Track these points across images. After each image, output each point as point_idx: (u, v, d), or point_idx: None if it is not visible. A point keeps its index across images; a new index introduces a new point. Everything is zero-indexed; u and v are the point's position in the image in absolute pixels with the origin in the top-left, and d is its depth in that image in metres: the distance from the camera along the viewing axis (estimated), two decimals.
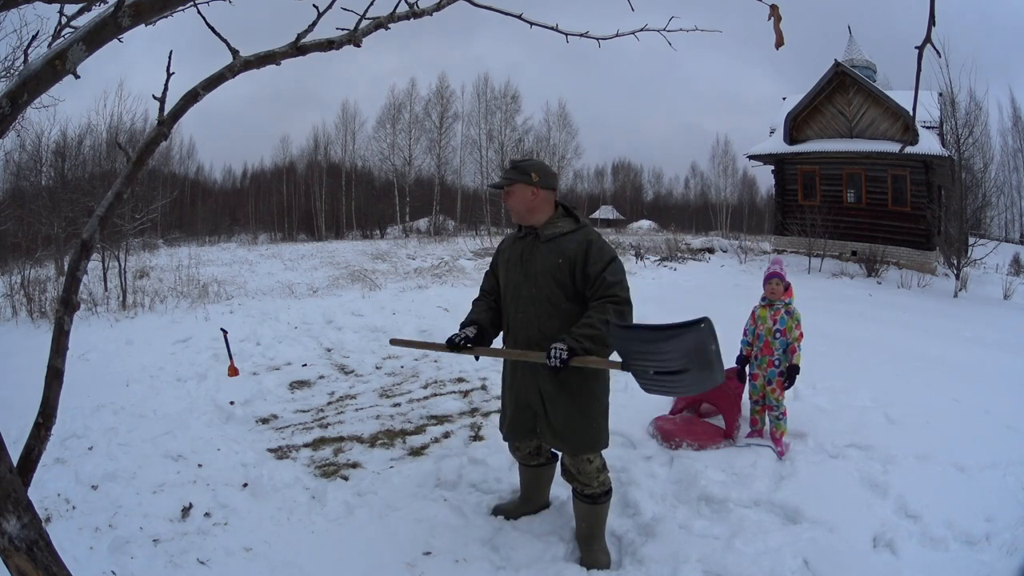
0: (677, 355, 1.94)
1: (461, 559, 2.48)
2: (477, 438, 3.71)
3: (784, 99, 16.60)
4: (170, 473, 3.14)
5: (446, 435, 3.77)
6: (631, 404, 3.84)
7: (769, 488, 2.92)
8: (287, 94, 55.17)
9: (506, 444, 2.80)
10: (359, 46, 2.03)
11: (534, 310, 2.37)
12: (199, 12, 1.93)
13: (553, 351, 2.14)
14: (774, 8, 1.65)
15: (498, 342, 2.62)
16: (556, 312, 2.34)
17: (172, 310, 7.43)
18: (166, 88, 1.83)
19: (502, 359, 2.61)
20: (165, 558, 2.45)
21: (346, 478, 3.18)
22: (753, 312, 3.59)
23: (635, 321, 2.30)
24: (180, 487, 3.00)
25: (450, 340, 2.41)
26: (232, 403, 4.15)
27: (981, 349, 6.39)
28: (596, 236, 2.39)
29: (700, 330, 1.88)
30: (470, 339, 2.42)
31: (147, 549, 2.50)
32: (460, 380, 4.88)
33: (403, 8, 2.13)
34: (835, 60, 14.65)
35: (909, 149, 12.75)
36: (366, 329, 6.37)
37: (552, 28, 2.35)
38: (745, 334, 3.60)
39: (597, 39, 2.42)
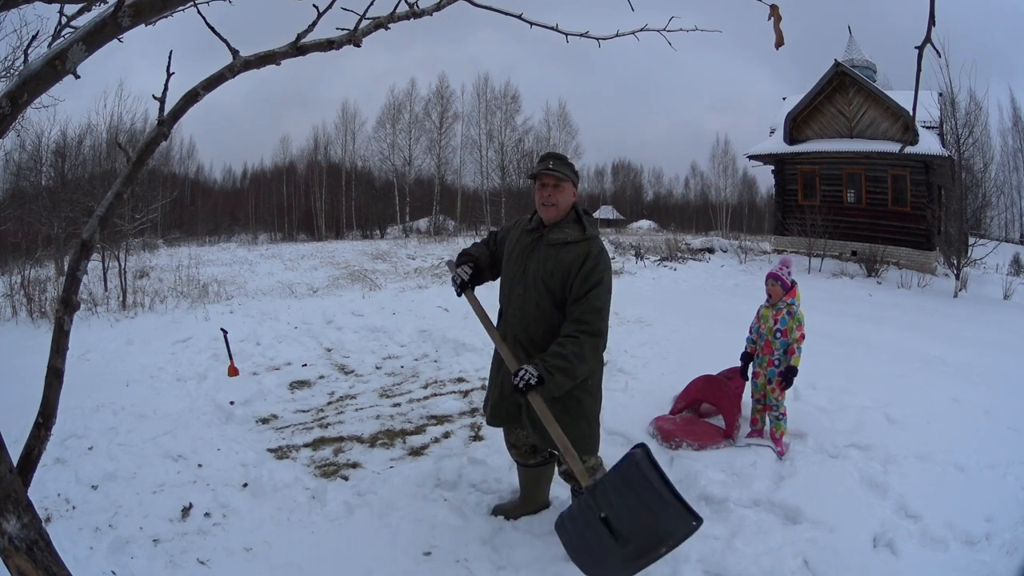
0: (638, 525, 1.81)
1: (461, 559, 2.48)
2: (477, 438, 3.71)
3: (784, 99, 16.61)
4: (170, 473, 3.14)
5: (446, 435, 3.77)
6: (631, 404, 3.85)
7: (769, 488, 2.92)
8: (287, 94, 55.17)
9: (505, 444, 2.80)
10: (359, 46, 2.03)
11: (522, 311, 2.39)
12: (199, 12, 1.93)
13: (524, 373, 2.17)
14: (774, 8, 1.65)
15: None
16: (543, 317, 2.36)
17: (172, 310, 7.43)
18: (166, 88, 1.83)
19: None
20: (165, 558, 2.45)
21: (346, 478, 3.18)
22: (758, 311, 3.60)
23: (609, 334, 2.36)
24: (180, 487, 3.00)
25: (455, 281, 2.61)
26: (232, 403, 4.15)
27: (981, 349, 6.38)
28: (596, 250, 2.35)
29: (686, 526, 1.77)
30: (467, 280, 2.57)
31: (147, 549, 2.50)
32: (460, 380, 4.88)
33: (403, 8, 2.13)
34: (835, 60, 14.66)
35: (909, 149, 12.76)
36: (366, 329, 6.37)
37: (552, 28, 2.35)
38: (750, 332, 3.63)
39: (597, 39, 2.42)
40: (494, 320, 2.60)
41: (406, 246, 19.78)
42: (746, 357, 3.64)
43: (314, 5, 1.92)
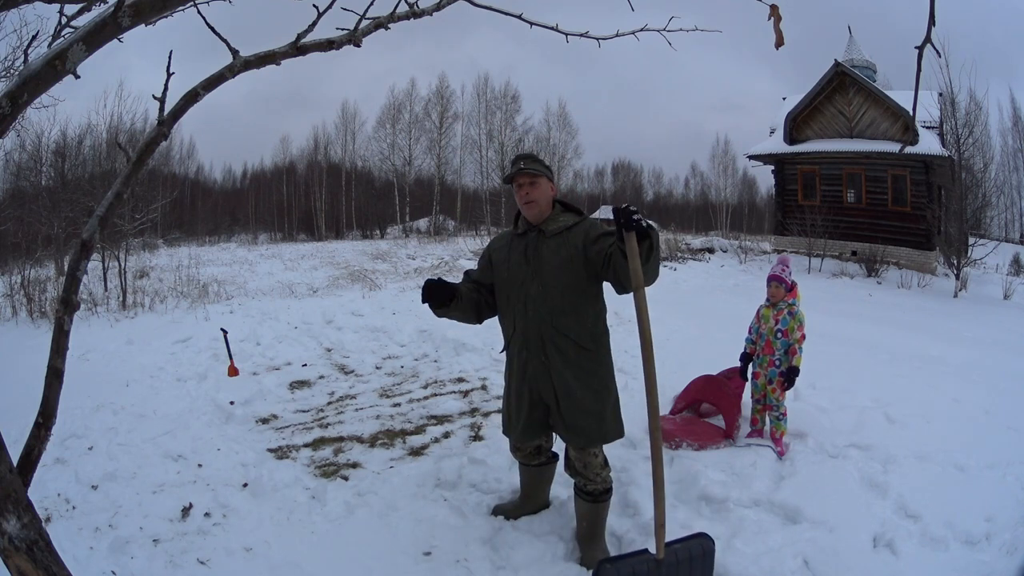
0: None
1: (461, 559, 2.48)
2: (477, 438, 3.71)
3: (784, 99, 16.60)
4: (170, 473, 3.14)
5: (446, 435, 3.77)
6: (631, 404, 3.82)
7: (769, 488, 2.92)
8: (287, 94, 55.25)
9: (507, 444, 2.80)
10: (359, 46, 2.03)
11: (546, 307, 2.34)
12: (199, 12, 1.93)
13: (637, 214, 1.91)
14: (774, 8, 1.65)
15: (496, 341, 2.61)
16: (569, 307, 2.33)
17: (172, 310, 7.43)
18: (166, 88, 1.83)
19: (505, 362, 2.59)
20: (165, 558, 2.45)
21: (346, 478, 3.18)
22: (758, 311, 3.59)
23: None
24: (180, 487, 3.00)
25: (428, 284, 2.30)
26: (232, 403, 4.15)
27: (981, 349, 6.38)
28: (599, 222, 2.44)
29: None
30: (443, 289, 2.30)
31: (147, 549, 2.50)
32: (460, 380, 4.88)
33: (403, 8, 2.13)
34: (835, 60, 14.66)
35: (909, 149, 12.76)
36: (366, 329, 6.37)
37: (552, 28, 2.35)
38: (750, 332, 3.62)
39: (597, 39, 2.42)
40: (499, 345, 2.58)
41: (406, 246, 19.77)
42: (745, 357, 3.63)
43: (314, 5, 1.92)
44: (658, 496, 2.06)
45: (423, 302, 2.33)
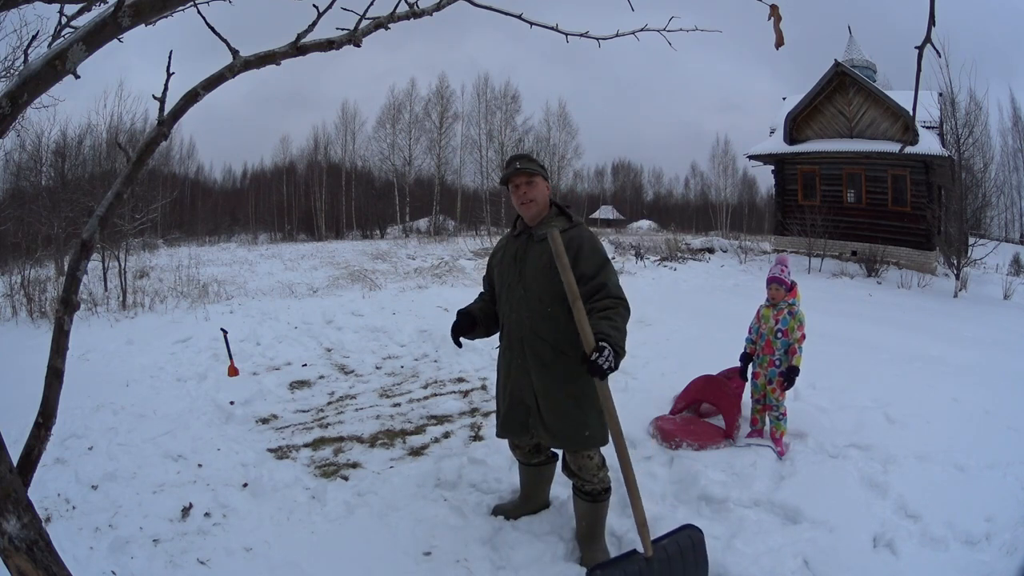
0: None
1: (461, 559, 2.48)
2: (477, 438, 3.71)
3: (784, 99, 16.60)
4: (170, 473, 3.14)
5: (446, 435, 3.78)
6: (630, 404, 3.84)
7: (769, 488, 2.92)
8: (287, 94, 55.30)
9: (506, 444, 2.81)
10: (359, 46, 2.03)
11: (526, 311, 2.38)
12: (199, 12, 1.93)
13: (608, 354, 2.05)
14: (774, 8, 1.65)
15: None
16: (547, 313, 2.34)
17: (172, 310, 7.43)
18: (166, 88, 1.83)
19: (497, 358, 2.60)
20: (165, 558, 2.45)
21: (346, 478, 3.18)
22: (758, 311, 3.59)
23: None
24: (180, 487, 3.00)
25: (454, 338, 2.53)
26: (232, 403, 4.15)
27: (981, 349, 6.38)
28: (588, 235, 2.39)
29: None
30: (462, 329, 2.50)
31: (147, 549, 2.50)
32: (460, 380, 4.88)
33: (403, 8, 2.13)
34: (835, 60, 14.65)
35: (909, 149, 12.75)
36: (366, 329, 6.37)
37: (552, 28, 2.35)
38: (750, 332, 3.62)
39: (597, 39, 2.42)
40: (497, 334, 2.61)
41: (406, 246, 19.78)
42: (745, 358, 3.63)
43: (314, 5, 1.92)
44: (633, 497, 2.10)
45: (458, 344, 2.53)
